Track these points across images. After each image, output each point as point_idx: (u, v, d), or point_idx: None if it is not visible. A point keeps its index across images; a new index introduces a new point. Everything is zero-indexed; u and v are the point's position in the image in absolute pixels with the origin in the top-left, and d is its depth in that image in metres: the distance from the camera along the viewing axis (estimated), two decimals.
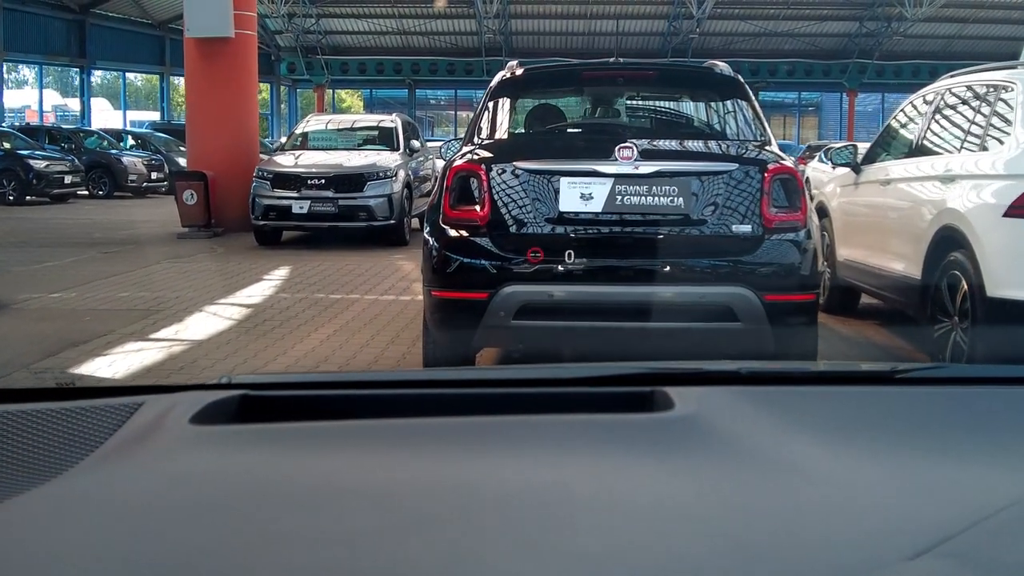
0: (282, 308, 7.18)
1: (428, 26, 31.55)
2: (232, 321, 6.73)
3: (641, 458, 0.92)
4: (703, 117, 5.23)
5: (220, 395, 1.06)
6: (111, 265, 9.70)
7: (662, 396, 1.06)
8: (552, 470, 0.89)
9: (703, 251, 4.12)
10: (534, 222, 4.12)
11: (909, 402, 1.15)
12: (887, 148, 6.36)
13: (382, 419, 1.03)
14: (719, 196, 4.12)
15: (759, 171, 4.16)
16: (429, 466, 0.91)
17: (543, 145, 4.66)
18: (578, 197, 4.12)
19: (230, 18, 12.87)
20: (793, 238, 4.14)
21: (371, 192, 11.21)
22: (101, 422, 1.00)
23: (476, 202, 4.17)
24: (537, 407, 1.07)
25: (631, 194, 4.10)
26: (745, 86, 4.70)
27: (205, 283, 8.44)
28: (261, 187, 11.36)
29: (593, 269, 4.10)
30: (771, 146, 4.43)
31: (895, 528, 0.78)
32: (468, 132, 4.82)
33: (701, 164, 4.25)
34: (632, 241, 4.14)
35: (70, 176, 19.57)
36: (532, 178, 4.16)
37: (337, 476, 0.88)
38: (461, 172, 4.24)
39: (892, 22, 29.97)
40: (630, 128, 4.99)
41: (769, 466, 0.90)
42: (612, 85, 5.15)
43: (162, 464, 0.91)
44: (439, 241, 4.24)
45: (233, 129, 13.10)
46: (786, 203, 4.17)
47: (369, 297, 7.70)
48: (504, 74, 4.93)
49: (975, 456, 0.96)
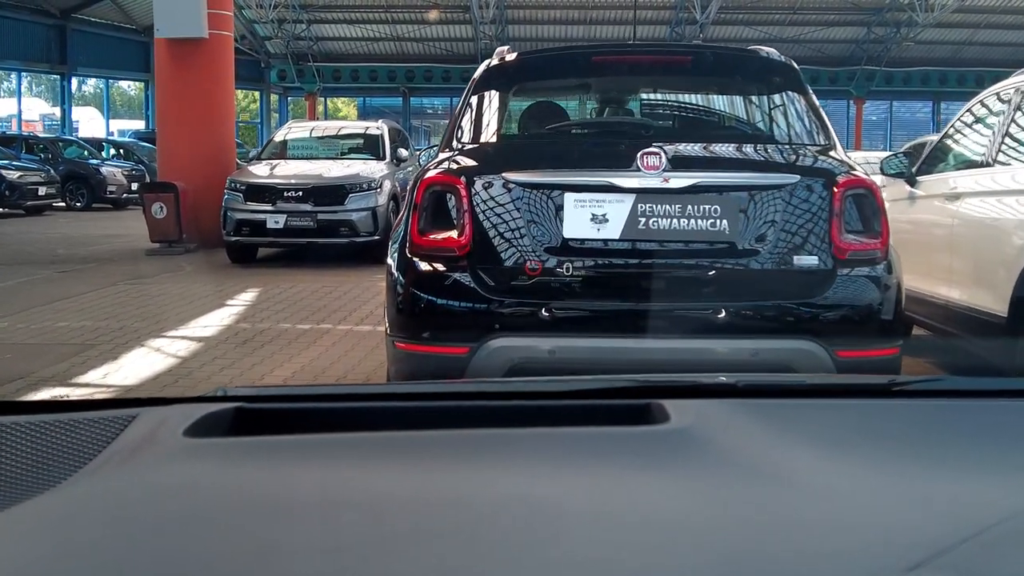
0: (238, 343, 6.18)
1: (423, 32, 30.59)
2: (174, 360, 5.72)
3: (637, 471, 0.92)
4: (748, 115, 4.13)
5: (214, 407, 1.06)
6: (62, 287, 8.76)
7: (658, 409, 1.05)
8: (547, 483, 0.89)
9: (754, 291, 3.13)
10: (529, 252, 3.14)
11: (906, 415, 1.15)
12: (950, 158, 5.37)
13: (377, 432, 1.02)
14: (775, 218, 3.13)
15: (826, 184, 3.18)
16: (424, 479, 0.90)
17: (542, 151, 3.62)
18: (588, 220, 3.13)
19: (203, 17, 11.95)
20: (871, 272, 3.15)
21: (353, 205, 10.21)
22: (95, 434, 0.99)
23: (453, 225, 3.19)
24: (532, 420, 1.06)
25: (659, 215, 3.11)
26: (800, 75, 3.68)
27: (158, 310, 7.44)
28: (233, 200, 10.38)
29: (608, 316, 3.10)
30: (836, 151, 3.43)
31: (891, 541, 0.78)
32: (446, 135, 3.79)
33: (750, 175, 3.26)
34: (659, 278, 3.15)
35: (45, 187, 18.81)
36: (527, 194, 3.17)
37: (332, 489, 0.87)
38: (434, 186, 3.24)
39: (901, 28, 29.04)
40: (656, 129, 3.75)
41: (765, 479, 0.89)
42: (631, 74, 3.98)
43: (156, 476, 0.90)
44: (405, 276, 3.25)
45: (207, 137, 12.14)
46: (862, 226, 3.18)
47: (342, 328, 6.70)
48: (492, 62, 3.87)
49: (972, 469, 0.95)
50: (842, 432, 1.06)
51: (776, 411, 1.12)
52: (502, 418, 1.08)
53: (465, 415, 1.11)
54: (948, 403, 1.21)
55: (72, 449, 0.96)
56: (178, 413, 1.04)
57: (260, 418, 1.08)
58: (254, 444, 0.99)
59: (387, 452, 0.97)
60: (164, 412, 1.05)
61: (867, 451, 0.99)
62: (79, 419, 1.02)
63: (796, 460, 0.94)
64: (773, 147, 3.49)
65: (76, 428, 1.00)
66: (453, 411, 1.13)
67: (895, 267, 3.24)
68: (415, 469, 0.92)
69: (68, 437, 0.98)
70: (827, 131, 3.51)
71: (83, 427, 1.00)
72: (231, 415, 1.05)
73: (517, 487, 0.88)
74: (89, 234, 14.45)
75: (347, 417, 1.09)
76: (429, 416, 1.10)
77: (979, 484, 0.90)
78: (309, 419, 1.10)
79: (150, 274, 9.64)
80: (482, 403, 1.18)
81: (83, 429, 1.00)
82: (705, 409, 1.06)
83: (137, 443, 0.97)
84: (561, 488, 0.87)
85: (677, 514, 0.83)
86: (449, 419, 1.08)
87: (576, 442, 0.99)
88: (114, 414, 1.04)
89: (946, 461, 0.98)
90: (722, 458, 0.94)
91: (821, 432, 1.05)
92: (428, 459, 0.95)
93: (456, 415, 1.11)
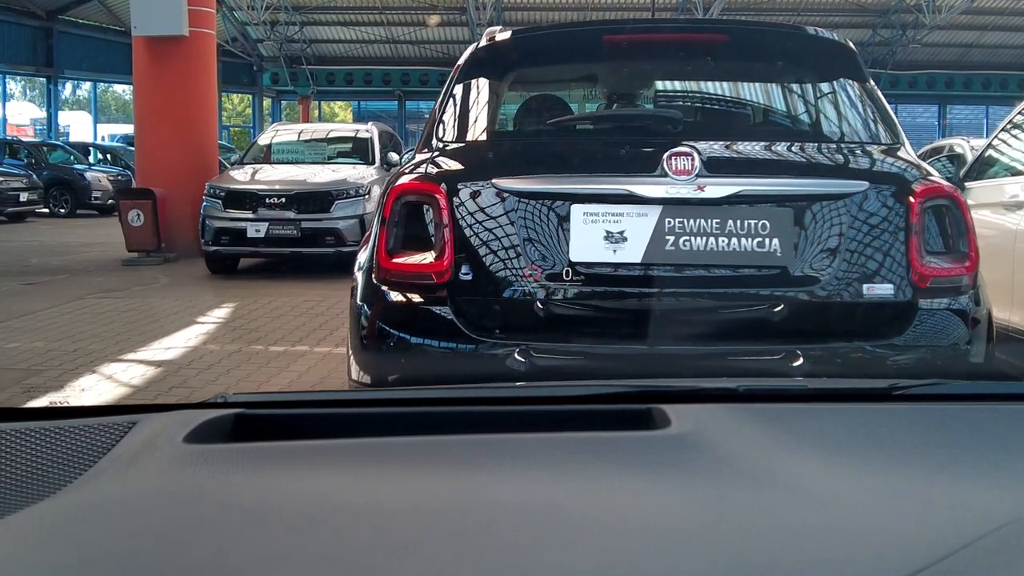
0: (202, 368, 5.52)
1: (418, 35, 29.95)
2: (126, 390, 5.06)
3: (638, 476, 0.91)
4: (798, 106, 3.36)
5: (214, 414, 1.06)
6: (25, 302, 8.12)
7: (659, 414, 1.05)
8: (548, 488, 0.89)
9: (814, 330, 2.47)
10: (526, 281, 2.49)
11: (906, 419, 1.14)
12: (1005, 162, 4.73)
13: (377, 438, 1.02)
14: (837, 236, 2.49)
15: (900, 193, 2.53)
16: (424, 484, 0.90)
17: (542, 151, 2.91)
18: (601, 239, 2.48)
19: (183, 14, 11.31)
20: (960, 304, 2.50)
21: (340, 213, 9.53)
22: (96, 441, 0.99)
23: (430, 246, 2.54)
24: (533, 425, 1.06)
25: (691, 233, 2.45)
26: (859, 58, 3.00)
27: (121, 328, 6.78)
28: (212, 207, 9.72)
29: (625, 364, 2.43)
30: (906, 151, 2.77)
31: (892, 546, 0.77)
32: (424, 133, 3.09)
33: (807, 182, 2.59)
34: (692, 315, 2.50)
35: (27, 193, 18.20)
36: (524, 206, 2.53)
37: (332, 495, 0.87)
38: (407, 196, 2.58)
39: (907, 30, 28.42)
40: (686, 124, 2.89)
41: (766, 484, 0.89)
42: (652, 57, 3.15)
43: (156, 483, 0.90)
44: (371, 308, 2.60)
45: (188, 140, 11.50)
46: (946, 246, 2.54)
47: (319, 350, 6.04)
48: (480, 43, 3.16)
49: (973, 474, 0.94)
50: (843, 437, 1.05)
51: (777, 416, 1.12)
52: (504, 423, 1.08)
53: (467, 420, 1.10)
54: (949, 407, 1.20)
55: (73, 455, 0.96)
56: (178, 419, 1.03)
57: (260, 424, 1.07)
58: (254, 450, 0.98)
59: (388, 458, 0.97)
60: (164, 418, 1.05)
61: (868, 456, 0.99)
62: (79, 425, 1.02)
63: (797, 465, 0.93)
64: (831, 146, 2.80)
65: (76, 434, 1.00)
66: (454, 416, 1.13)
67: (984, 298, 2.59)
68: (415, 475, 0.92)
69: (68, 443, 0.98)
70: (893, 127, 2.84)
71: (83, 433, 1.00)
72: (231, 421, 1.05)
73: (519, 492, 0.88)
74: (67, 242, 13.87)
75: (348, 423, 1.09)
76: (429, 421, 1.10)
77: (980, 489, 0.89)
78: (309, 425, 1.09)
79: (121, 287, 8.97)
80: (484, 408, 1.16)
81: (83, 435, 1.00)
82: (706, 414, 1.06)
83: (137, 449, 0.97)
84: (562, 493, 0.87)
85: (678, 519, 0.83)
86: (450, 424, 1.08)
87: (577, 447, 0.99)
88: (114, 420, 1.04)
89: (947, 465, 0.97)
90: (723, 463, 0.93)
91: (822, 437, 1.04)
92: (428, 464, 0.95)
93: (457, 420, 1.10)
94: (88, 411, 1.11)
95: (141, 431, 1.01)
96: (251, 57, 31.27)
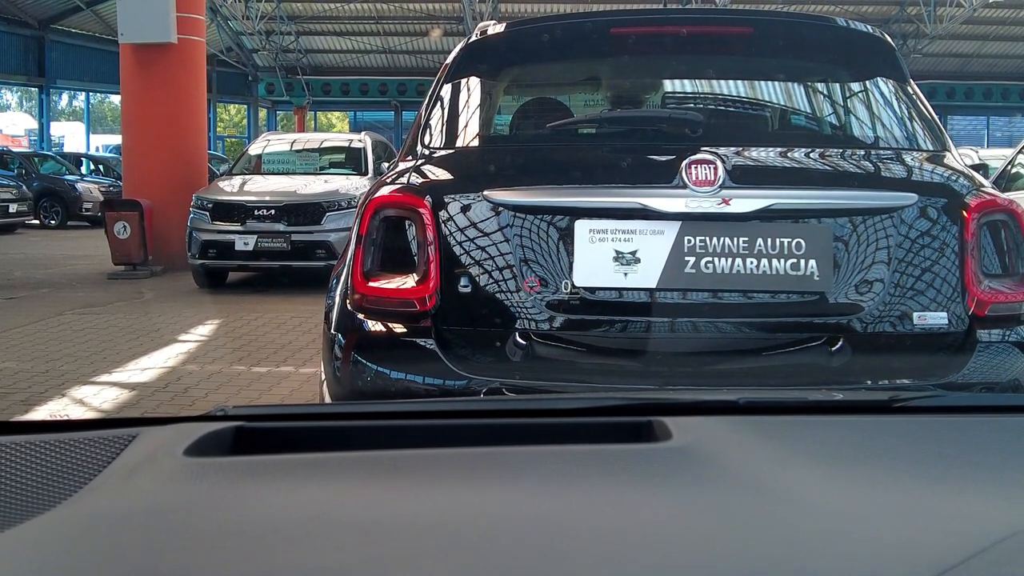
0: (179, 391, 5.20)
1: (415, 44, 29.72)
2: (98, 414, 4.73)
3: (639, 489, 0.91)
4: (831, 108, 2.97)
5: (215, 427, 1.05)
6: (3, 318, 7.78)
7: (660, 426, 1.04)
8: (549, 501, 0.88)
9: (858, 366, 2.14)
10: (524, 308, 2.16)
11: (908, 431, 1.13)
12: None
13: (377, 451, 1.02)
14: (882, 257, 2.16)
15: (951, 207, 2.20)
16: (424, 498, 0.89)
17: (542, 159, 2.53)
18: (610, 260, 2.14)
19: (172, 21, 11.04)
20: (1022, 335, 2.17)
21: (331, 225, 9.18)
22: (95, 454, 0.99)
23: (413, 267, 2.20)
24: (533, 438, 1.05)
25: (715, 253, 2.12)
26: (898, 53, 2.66)
27: (98, 347, 6.45)
28: (199, 219, 9.39)
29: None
30: (953, 159, 2.44)
31: (894, 559, 0.77)
32: (408, 140, 2.74)
33: (846, 195, 2.24)
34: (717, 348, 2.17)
35: (16, 204, 17.89)
36: (521, 221, 2.19)
37: (333, 508, 0.87)
38: (386, 209, 2.25)
39: (908, 40, 28.20)
40: (706, 127, 2.44)
41: (767, 496, 0.89)
42: (665, 52, 2.76)
43: (156, 496, 0.89)
44: (345, 337, 2.27)
45: (176, 150, 11.20)
46: (1006, 267, 2.21)
47: (305, 371, 5.71)
48: (472, 38, 2.80)
49: (975, 486, 0.94)
50: (844, 449, 1.04)
51: (778, 428, 1.11)
52: (503, 436, 1.06)
53: (466, 433, 1.09)
54: (950, 419, 1.20)
55: (72, 469, 0.95)
56: (178, 432, 1.02)
57: (260, 437, 1.06)
58: (254, 464, 0.98)
59: (388, 471, 0.96)
60: (164, 432, 1.04)
61: (869, 468, 0.98)
62: (79, 439, 1.01)
63: (798, 477, 0.93)
64: (872, 153, 2.46)
65: (76, 448, 0.99)
66: (453, 430, 1.11)
67: None
68: (416, 488, 0.91)
69: (68, 457, 0.97)
70: (937, 132, 2.51)
71: (83, 447, 0.99)
72: (231, 434, 1.04)
73: (519, 506, 0.87)
74: (53, 255, 13.57)
75: (348, 436, 1.08)
76: (430, 435, 1.09)
77: (982, 501, 0.89)
78: (310, 438, 1.07)
79: (103, 302, 8.65)
80: (483, 421, 1.15)
81: (83, 449, 0.99)
82: (707, 426, 1.06)
83: (137, 463, 0.96)
84: (563, 506, 0.87)
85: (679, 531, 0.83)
86: (449, 438, 1.07)
87: (577, 460, 0.98)
88: (114, 433, 1.03)
89: (948, 478, 0.96)
90: (724, 476, 0.93)
91: (823, 449, 1.04)
92: (429, 478, 0.94)
93: (457, 434, 1.09)
94: (88, 424, 1.10)
95: (141, 444, 1.01)
96: (246, 67, 31.02)
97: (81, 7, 25.39)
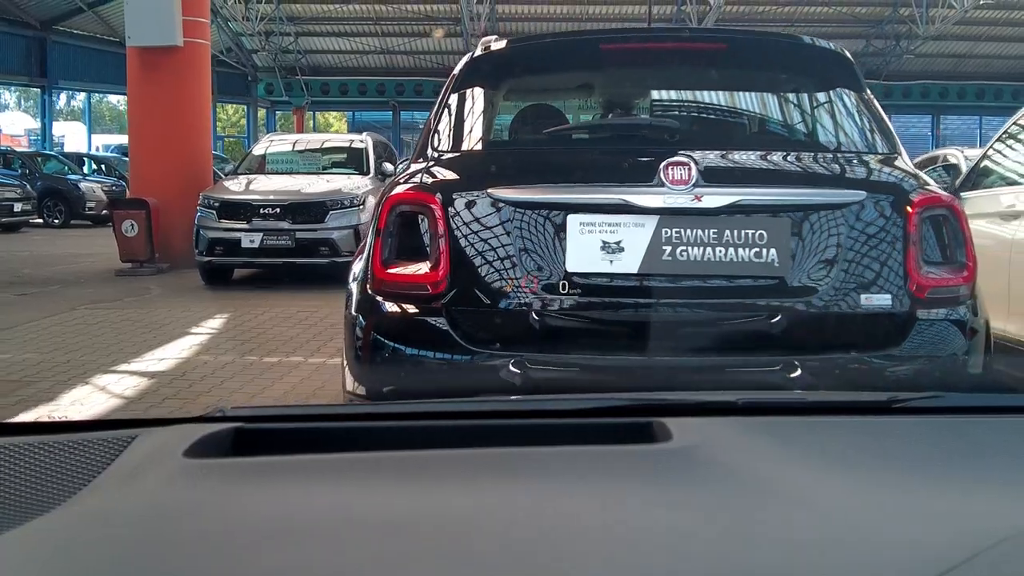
0: (195, 379, 5.49)
1: (413, 45, 29.97)
2: (119, 401, 5.02)
3: (640, 489, 0.91)
4: (795, 116, 3.37)
5: (214, 428, 1.05)
6: (17, 312, 8.08)
7: (660, 427, 1.05)
8: (551, 502, 0.88)
9: (812, 341, 2.46)
10: (522, 291, 2.47)
11: (908, 432, 1.13)
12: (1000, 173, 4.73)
13: (377, 452, 1.01)
14: (835, 246, 2.47)
15: (898, 203, 2.52)
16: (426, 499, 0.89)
17: (538, 161, 2.90)
18: (597, 249, 2.47)
19: (177, 25, 11.29)
20: (958, 315, 2.49)
21: (334, 223, 9.50)
22: (95, 455, 0.99)
23: (426, 256, 2.52)
24: (535, 439, 1.05)
25: (689, 243, 2.44)
26: (856, 68, 2.99)
27: (113, 340, 6.74)
28: (206, 217, 9.68)
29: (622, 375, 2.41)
30: (903, 161, 2.76)
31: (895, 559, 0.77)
32: (419, 143, 3.07)
33: (805, 192, 2.58)
34: (691, 325, 2.48)
35: (20, 203, 18.14)
36: (520, 216, 2.51)
37: (332, 509, 0.87)
38: (402, 206, 2.57)
39: (901, 40, 28.50)
40: (683, 133, 2.88)
41: (768, 497, 0.89)
42: (649, 66, 3.15)
43: (156, 497, 0.90)
44: (366, 319, 2.58)
45: (181, 150, 11.46)
46: (944, 256, 2.52)
47: (315, 361, 6.01)
48: (475, 52, 3.14)
49: (975, 486, 0.94)
50: (844, 449, 1.05)
51: (778, 428, 1.11)
52: (504, 437, 1.06)
53: (466, 435, 1.09)
54: (949, 420, 1.20)
55: (72, 470, 0.96)
56: (178, 434, 1.03)
57: (260, 438, 1.06)
58: (254, 464, 0.98)
59: (388, 472, 0.96)
60: (164, 433, 1.05)
61: (869, 468, 0.98)
62: (79, 440, 1.01)
63: (798, 477, 0.93)
64: (829, 156, 2.80)
65: (76, 449, 0.99)
66: (454, 431, 1.12)
67: (981, 309, 2.57)
68: (416, 489, 0.91)
69: (68, 458, 0.98)
70: (890, 136, 2.83)
71: (83, 448, 1.00)
72: (231, 435, 1.04)
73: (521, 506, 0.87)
74: (59, 253, 13.80)
75: (347, 437, 1.08)
76: (430, 436, 1.09)
77: (981, 501, 0.89)
78: (309, 439, 1.07)
79: (113, 298, 8.93)
80: (483, 422, 1.15)
81: (83, 450, 0.99)
82: (707, 427, 1.06)
83: (137, 464, 0.97)
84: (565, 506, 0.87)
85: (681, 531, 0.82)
86: (450, 439, 1.07)
87: (579, 461, 0.98)
88: (114, 435, 1.04)
89: (948, 478, 0.97)
90: (725, 476, 0.93)
91: (823, 449, 1.04)
92: (429, 479, 0.94)
93: (457, 435, 1.09)
94: (88, 425, 1.10)
95: (141, 445, 1.01)
96: (245, 67, 31.24)
97: (83, 8, 25.63)
